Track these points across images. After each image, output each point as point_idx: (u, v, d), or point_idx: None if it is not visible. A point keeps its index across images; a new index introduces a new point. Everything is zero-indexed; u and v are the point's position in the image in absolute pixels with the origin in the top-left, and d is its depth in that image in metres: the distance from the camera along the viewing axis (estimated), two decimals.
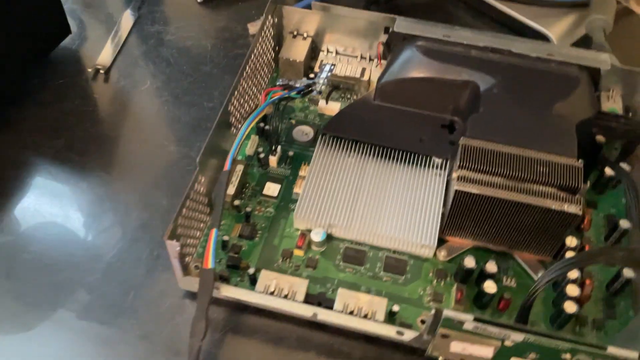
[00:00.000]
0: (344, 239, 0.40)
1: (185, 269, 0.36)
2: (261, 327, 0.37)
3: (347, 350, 0.36)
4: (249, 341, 0.36)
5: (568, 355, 0.31)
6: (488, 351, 0.32)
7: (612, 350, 0.30)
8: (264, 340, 0.36)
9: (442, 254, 0.39)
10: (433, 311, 0.31)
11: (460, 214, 0.37)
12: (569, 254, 0.37)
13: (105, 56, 0.52)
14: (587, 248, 0.38)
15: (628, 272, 0.36)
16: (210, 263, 0.34)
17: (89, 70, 0.50)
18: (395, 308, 0.36)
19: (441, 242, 0.39)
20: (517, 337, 0.31)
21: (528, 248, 0.38)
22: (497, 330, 0.31)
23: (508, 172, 0.36)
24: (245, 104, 0.44)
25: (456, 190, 0.36)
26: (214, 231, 0.35)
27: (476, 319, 0.31)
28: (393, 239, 0.39)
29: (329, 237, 0.40)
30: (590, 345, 0.30)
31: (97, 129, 0.47)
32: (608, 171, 0.41)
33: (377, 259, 0.39)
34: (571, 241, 0.37)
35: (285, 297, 0.36)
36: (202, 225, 0.39)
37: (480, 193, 0.36)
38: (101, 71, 0.50)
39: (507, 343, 0.31)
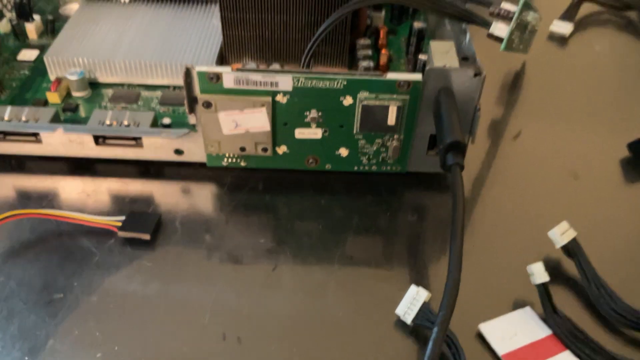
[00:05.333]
0: (113, 83, 0.34)
1: None
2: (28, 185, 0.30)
3: (120, 186, 0.30)
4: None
5: (349, 99, 0.27)
6: (263, 118, 0.27)
7: (392, 75, 0.26)
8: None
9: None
10: (184, 68, 0.26)
11: (233, 27, 0.33)
12: (365, 62, 0.33)
13: None
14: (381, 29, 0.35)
15: (418, 24, 0.33)
16: None
17: None
18: (166, 121, 0.30)
19: None
20: (285, 82, 0.26)
21: (321, 59, 0.34)
22: (261, 77, 0.26)
23: None
24: None
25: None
26: None
27: (237, 69, 0.26)
28: (168, 73, 0.33)
29: (95, 85, 0.34)
30: (366, 74, 0.26)
31: None
32: None
33: (153, 96, 0.33)
34: (364, 41, 0.34)
35: (26, 122, 0.29)
36: None
37: None
38: None
39: (279, 98, 0.27)
